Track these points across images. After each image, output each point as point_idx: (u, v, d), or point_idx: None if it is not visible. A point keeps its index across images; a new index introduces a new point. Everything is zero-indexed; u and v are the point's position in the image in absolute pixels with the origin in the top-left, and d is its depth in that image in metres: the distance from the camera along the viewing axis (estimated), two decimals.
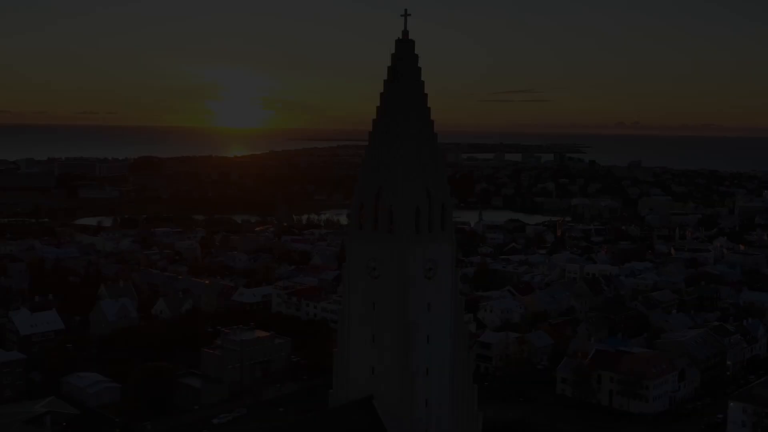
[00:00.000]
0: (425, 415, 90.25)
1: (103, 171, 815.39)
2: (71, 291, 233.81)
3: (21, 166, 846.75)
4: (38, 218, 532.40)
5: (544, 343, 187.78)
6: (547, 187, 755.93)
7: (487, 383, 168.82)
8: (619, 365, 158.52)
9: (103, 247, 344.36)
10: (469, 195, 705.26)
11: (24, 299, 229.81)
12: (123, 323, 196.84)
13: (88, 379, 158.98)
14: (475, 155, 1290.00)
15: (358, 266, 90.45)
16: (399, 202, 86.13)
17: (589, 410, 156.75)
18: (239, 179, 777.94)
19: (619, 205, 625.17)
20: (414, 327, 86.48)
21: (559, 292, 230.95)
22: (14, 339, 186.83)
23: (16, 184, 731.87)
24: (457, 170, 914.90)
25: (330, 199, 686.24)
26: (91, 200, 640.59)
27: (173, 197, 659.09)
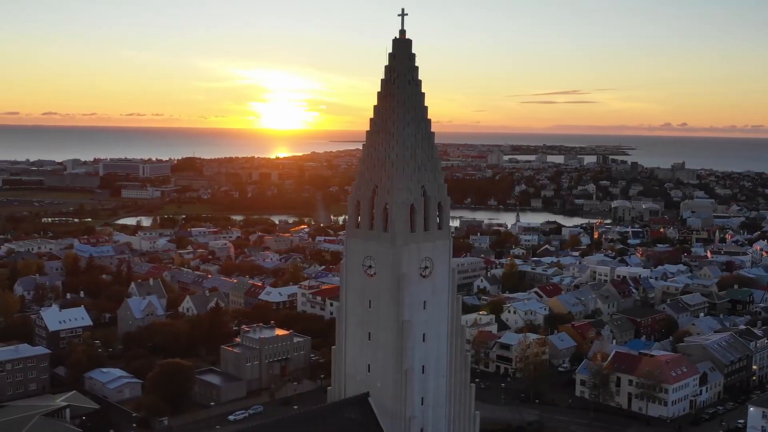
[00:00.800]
0: (421, 413, 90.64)
1: (146, 172, 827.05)
2: (102, 289, 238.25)
3: (67, 167, 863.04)
4: (81, 218, 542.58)
5: (566, 345, 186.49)
6: (587, 190, 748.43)
7: (504, 384, 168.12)
8: (638, 368, 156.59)
9: (139, 247, 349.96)
10: (508, 197, 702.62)
11: (57, 296, 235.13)
12: (149, 320, 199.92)
13: (110, 375, 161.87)
14: (517, 157, 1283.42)
15: (355, 264, 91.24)
16: (394, 200, 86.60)
17: (606, 413, 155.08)
18: (279, 180, 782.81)
19: (661, 207, 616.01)
20: (408, 325, 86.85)
21: (585, 294, 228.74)
22: (43, 335, 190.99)
23: (62, 184, 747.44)
24: (497, 172, 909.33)
25: None
26: (133, 200, 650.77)
27: (213, 198, 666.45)
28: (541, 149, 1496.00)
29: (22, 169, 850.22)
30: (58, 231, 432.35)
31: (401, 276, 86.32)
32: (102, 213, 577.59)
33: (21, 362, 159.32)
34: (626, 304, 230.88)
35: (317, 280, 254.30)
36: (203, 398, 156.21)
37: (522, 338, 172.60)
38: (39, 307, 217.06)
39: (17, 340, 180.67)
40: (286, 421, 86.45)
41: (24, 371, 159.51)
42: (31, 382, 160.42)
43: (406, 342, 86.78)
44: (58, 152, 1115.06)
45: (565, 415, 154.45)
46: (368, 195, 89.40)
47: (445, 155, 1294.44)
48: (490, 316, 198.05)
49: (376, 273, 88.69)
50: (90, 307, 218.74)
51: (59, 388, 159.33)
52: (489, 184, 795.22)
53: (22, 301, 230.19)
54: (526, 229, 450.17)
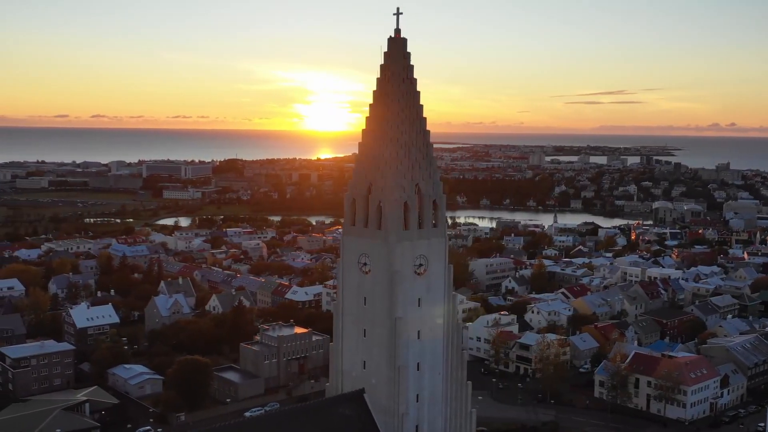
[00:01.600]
0: (416, 410, 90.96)
1: (188, 173, 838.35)
2: (133, 287, 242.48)
3: (112, 169, 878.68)
4: (123, 218, 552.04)
5: (588, 346, 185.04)
6: (629, 191, 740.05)
7: (521, 384, 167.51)
8: (657, 369, 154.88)
9: (174, 246, 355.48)
10: (547, 198, 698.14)
11: (89, 294, 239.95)
12: (175, 318, 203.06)
13: (132, 371, 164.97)
14: (559, 158, 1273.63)
15: (351, 261, 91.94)
16: (387, 198, 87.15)
17: (624, 414, 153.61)
18: (319, 181, 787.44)
19: (703, 208, 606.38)
20: (400, 322, 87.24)
21: (611, 295, 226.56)
22: (72, 331, 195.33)
23: (106, 185, 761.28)
24: (538, 173, 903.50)
25: None
26: (174, 201, 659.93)
27: (253, 198, 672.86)
28: (584, 150, 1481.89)
29: (68, 170, 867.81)
30: (98, 231, 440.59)
31: (394, 273, 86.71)
32: (143, 213, 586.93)
33: (46, 358, 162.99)
34: (654, 306, 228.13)
35: None
36: (222, 395, 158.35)
37: (540, 338, 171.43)
38: (71, 305, 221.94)
39: (47, 337, 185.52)
40: (279, 416, 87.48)
41: (49, 366, 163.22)
42: (56, 377, 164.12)
43: (399, 339, 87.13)
44: (105, 154, 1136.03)
45: (582, 416, 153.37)
46: (363, 193, 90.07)
47: (487, 156, 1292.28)
48: (512, 317, 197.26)
49: (371, 270, 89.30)
50: (120, 305, 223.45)
51: (83, 384, 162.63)
52: (529, 185, 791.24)
53: (55, 299, 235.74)
54: (562, 230, 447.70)
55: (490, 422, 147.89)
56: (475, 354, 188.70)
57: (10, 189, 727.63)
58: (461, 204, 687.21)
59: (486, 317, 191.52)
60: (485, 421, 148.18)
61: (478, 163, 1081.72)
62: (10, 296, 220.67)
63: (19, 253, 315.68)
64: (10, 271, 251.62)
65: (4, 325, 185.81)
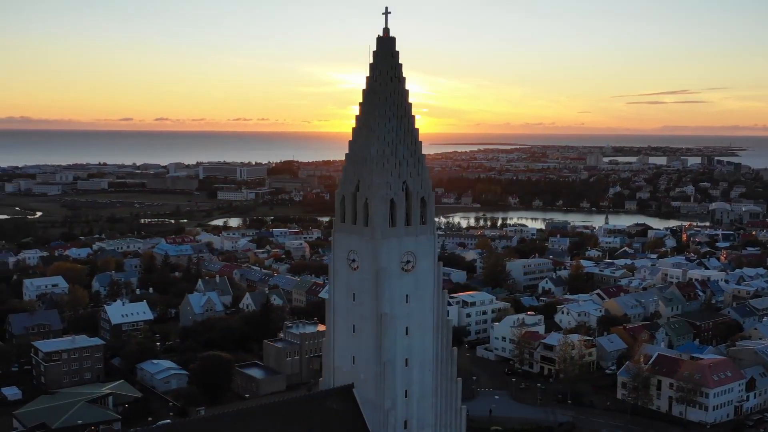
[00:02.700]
0: (405, 405, 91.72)
1: (243, 174, 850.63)
2: (172, 285, 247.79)
3: (170, 170, 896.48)
4: (177, 219, 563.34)
5: (615, 347, 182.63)
6: (686, 192, 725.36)
7: (542, 385, 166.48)
8: (679, 371, 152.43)
9: (221, 246, 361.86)
10: (602, 199, 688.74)
11: (129, 292, 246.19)
12: (208, 315, 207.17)
13: (159, 366, 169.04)
14: (618, 159, 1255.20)
15: (341, 257, 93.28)
16: (373, 195, 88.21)
17: (645, 416, 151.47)
18: None
19: (763, 209, 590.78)
20: (386, 318, 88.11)
21: (645, 296, 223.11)
22: (107, 327, 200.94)
23: (163, 187, 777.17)
24: (593, 174, 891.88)
25: (458, 202, 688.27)
26: (228, 202, 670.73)
27: (305, 200, 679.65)
28: (644, 151, 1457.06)
29: (128, 172, 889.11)
30: (151, 231, 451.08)
31: (379, 269, 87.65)
32: (197, 214, 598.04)
33: (76, 352, 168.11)
34: (692, 307, 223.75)
35: None
36: (244, 390, 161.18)
37: (562, 338, 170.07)
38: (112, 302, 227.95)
39: (85, 333, 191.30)
40: (266, 409, 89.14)
41: (79, 360, 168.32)
42: (86, 371, 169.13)
43: (385, 335, 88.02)
44: (165, 156, 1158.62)
45: (601, 417, 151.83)
46: (351, 190, 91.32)
47: (544, 157, 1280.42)
48: (538, 317, 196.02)
49: (359, 266, 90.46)
50: (158, 302, 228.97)
51: (113, 378, 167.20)
52: (583, 186, 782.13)
53: (97, 296, 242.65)
54: (610, 231, 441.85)
55: (505, 422, 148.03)
56: (500, 354, 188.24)
57: (71, 190, 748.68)
58: (513, 205, 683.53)
59: (512, 317, 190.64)
60: (500, 421, 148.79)
61: (533, 164, 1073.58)
62: (52, 293, 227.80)
63: (70, 252, 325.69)
64: (55, 269, 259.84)
65: (42, 320, 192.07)
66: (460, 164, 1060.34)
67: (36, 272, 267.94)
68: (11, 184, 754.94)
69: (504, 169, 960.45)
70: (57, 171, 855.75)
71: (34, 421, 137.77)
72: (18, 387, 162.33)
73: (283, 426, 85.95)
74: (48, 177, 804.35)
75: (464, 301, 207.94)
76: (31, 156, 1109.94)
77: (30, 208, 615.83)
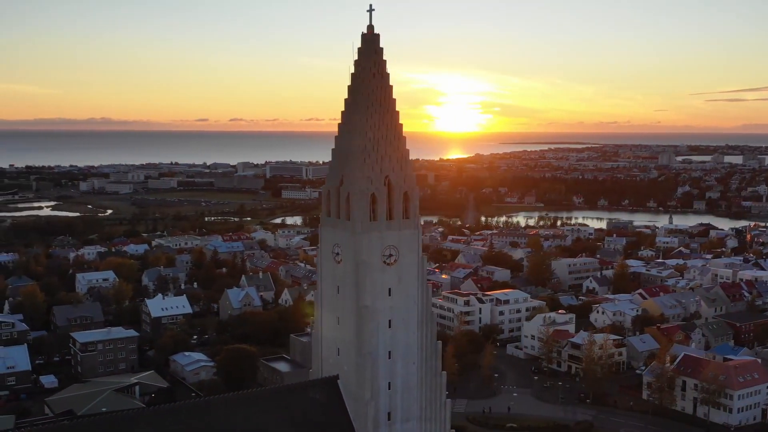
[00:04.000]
0: (388, 397, 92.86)
1: (309, 174, 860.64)
2: (217, 280, 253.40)
3: (238, 169, 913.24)
4: (241, 217, 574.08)
5: (647, 347, 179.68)
6: (758, 191, 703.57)
7: (566, 383, 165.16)
8: (704, 372, 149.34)
9: (274, 243, 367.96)
10: (669, 199, 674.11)
11: (176, 287, 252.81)
12: (245, 310, 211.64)
13: (189, 358, 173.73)
14: (692, 158, 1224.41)
15: (327, 251, 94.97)
16: (354, 189, 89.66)
17: (667, 417, 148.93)
18: (435, 182, 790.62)
19: None
20: (366, 311, 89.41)
21: (686, 296, 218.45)
22: (147, 320, 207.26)
23: (230, 186, 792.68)
24: (663, 173, 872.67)
25: (521, 201, 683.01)
26: (292, 201, 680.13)
27: None
28: (720, 150, 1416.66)
29: (197, 171, 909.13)
30: (213, 229, 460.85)
31: (359, 263, 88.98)
32: (261, 213, 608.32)
33: (111, 343, 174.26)
34: (737, 308, 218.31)
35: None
36: (268, 383, 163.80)
37: (587, 337, 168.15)
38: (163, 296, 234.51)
39: (127, 325, 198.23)
40: (248, 397, 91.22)
41: (114, 351, 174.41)
42: (121, 361, 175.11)
43: (364, 327, 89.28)
44: (236, 156, 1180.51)
45: (622, 417, 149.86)
46: (336, 185, 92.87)
47: (615, 156, 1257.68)
48: (569, 316, 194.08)
49: (342, 260, 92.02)
50: (201, 297, 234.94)
51: (147, 369, 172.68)
52: (651, 185, 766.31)
53: (145, 290, 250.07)
54: (671, 231, 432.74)
55: (522, 419, 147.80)
56: (530, 352, 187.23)
57: (142, 189, 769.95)
58: (577, 204, 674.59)
59: (542, 315, 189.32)
60: (518, 418, 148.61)
61: (603, 164, 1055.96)
62: (100, 287, 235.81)
63: (128, 248, 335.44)
64: (108, 263, 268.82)
65: (85, 312, 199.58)
66: (528, 163, 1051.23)
67: (91, 267, 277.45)
68: (85, 182, 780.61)
69: (571, 169, 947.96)
70: (130, 170, 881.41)
71: (62, 407, 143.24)
72: (56, 376, 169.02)
73: (263, 414, 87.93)
74: (121, 176, 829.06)
75: (497, 299, 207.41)
76: (107, 156, 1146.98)
77: (101, 206, 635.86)
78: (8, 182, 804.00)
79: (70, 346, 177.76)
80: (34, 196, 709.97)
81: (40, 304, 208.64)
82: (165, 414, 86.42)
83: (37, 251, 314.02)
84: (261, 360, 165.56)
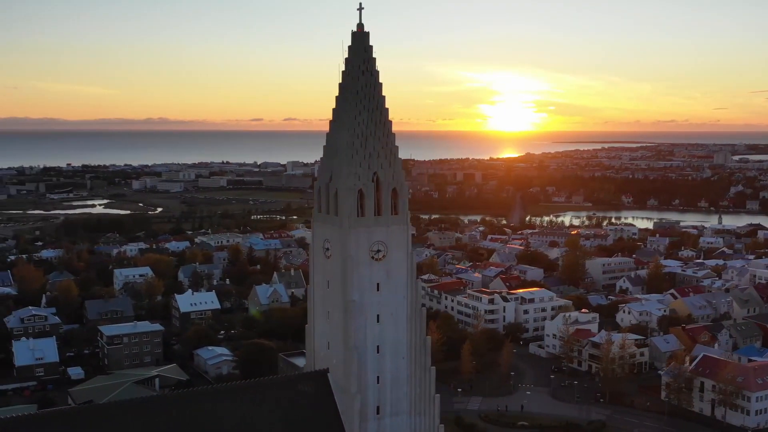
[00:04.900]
0: (377, 391, 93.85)
1: None
2: (250, 276, 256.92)
3: (288, 168, 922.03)
4: (288, 215, 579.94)
5: (671, 348, 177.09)
6: None
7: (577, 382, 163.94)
8: (721, 373, 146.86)
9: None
10: (722, 198, 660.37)
11: (209, 282, 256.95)
12: (272, 306, 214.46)
13: (212, 353, 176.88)
14: (749, 157, 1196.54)
15: (318, 246, 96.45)
16: (341, 185, 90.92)
17: (683, 418, 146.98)
18: (483, 181, 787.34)
19: None
20: (353, 305, 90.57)
21: (718, 297, 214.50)
22: (177, 315, 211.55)
23: (279, 184, 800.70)
24: (717, 173, 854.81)
25: (568, 200, 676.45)
26: None
27: (413, 197, 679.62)
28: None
29: (247, 170, 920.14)
30: (258, 227, 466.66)
31: (347, 258, 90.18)
32: (307, 211, 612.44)
33: (137, 337, 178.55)
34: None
35: (455, 276, 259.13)
36: None
37: (605, 336, 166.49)
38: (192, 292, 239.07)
39: (157, 320, 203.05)
40: (236, 389, 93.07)
41: (139, 345, 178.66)
42: (146, 354, 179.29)
43: (351, 321, 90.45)
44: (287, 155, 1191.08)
45: (637, 417, 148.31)
46: (326, 181, 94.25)
47: (670, 155, 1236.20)
48: (592, 315, 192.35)
49: (332, 255, 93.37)
50: (233, 293, 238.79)
51: (172, 362, 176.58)
52: (703, 185, 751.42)
53: (180, 286, 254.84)
54: (718, 231, 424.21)
55: (535, 417, 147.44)
56: (552, 351, 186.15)
57: (192, 188, 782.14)
58: (626, 204, 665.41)
59: (565, 314, 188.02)
60: (531, 417, 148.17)
61: (656, 163, 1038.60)
62: (134, 282, 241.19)
63: (170, 245, 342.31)
64: (146, 260, 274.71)
65: (115, 307, 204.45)
66: (578, 163, 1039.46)
67: (131, 263, 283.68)
68: (138, 181, 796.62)
69: (622, 168, 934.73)
70: (181, 169, 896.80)
71: (84, 398, 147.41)
72: (82, 367, 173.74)
73: (251, 406, 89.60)
74: (172, 175, 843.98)
75: (522, 298, 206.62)
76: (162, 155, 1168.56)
77: (152, 204, 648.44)
78: (64, 181, 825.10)
79: (98, 339, 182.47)
80: (88, 195, 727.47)
81: (74, 298, 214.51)
82: (154, 404, 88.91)
83: (80, 248, 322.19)
84: (280, 355, 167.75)
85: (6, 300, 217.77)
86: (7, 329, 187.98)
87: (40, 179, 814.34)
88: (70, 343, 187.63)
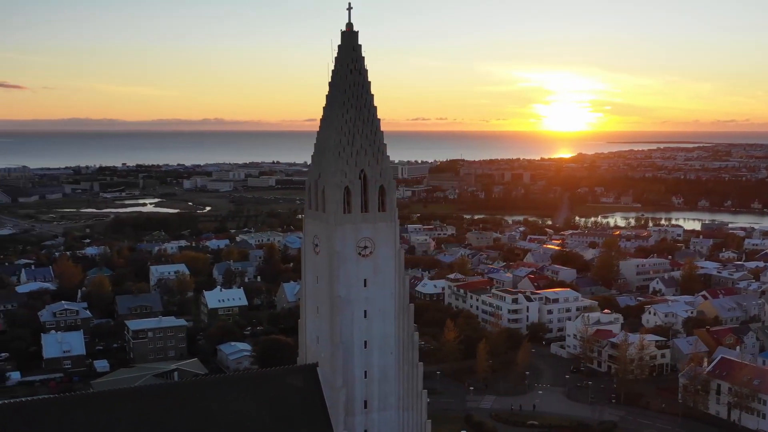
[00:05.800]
0: (365, 386, 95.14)
1: (404, 173, 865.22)
2: (282, 274, 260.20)
3: None
4: None
5: (693, 350, 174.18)
6: None
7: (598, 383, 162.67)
8: (738, 376, 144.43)
9: None
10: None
11: (242, 279, 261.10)
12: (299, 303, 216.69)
13: (234, 348, 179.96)
14: None
15: (309, 242, 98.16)
16: (328, 182, 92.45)
17: (698, 420, 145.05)
18: (531, 181, 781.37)
19: None
20: (339, 300, 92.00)
21: (748, 299, 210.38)
22: (205, 311, 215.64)
23: None
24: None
25: (616, 201, 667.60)
26: None
27: (459, 198, 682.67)
28: None
29: (296, 170, 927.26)
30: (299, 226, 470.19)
31: (333, 254, 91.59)
32: None
33: (161, 331, 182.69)
34: None
35: (486, 276, 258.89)
36: None
37: (623, 337, 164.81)
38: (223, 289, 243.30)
39: (186, 315, 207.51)
40: (225, 381, 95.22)
41: (164, 339, 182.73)
42: (170, 348, 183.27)
43: (336, 316, 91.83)
44: None
45: (650, 419, 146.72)
46: (315, 178, 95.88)
47: (727, 156, 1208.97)
48: (614, 315, 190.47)
49: (320, 251, 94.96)
50: (263, 290, 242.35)
51: (196, 356, 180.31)
52: (758, 186, 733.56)
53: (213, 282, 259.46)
54: (765, 233, 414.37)
55: (547, 417, 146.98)
56: (573, 351, 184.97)
57: (241, 187, 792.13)
58: (676, 205, 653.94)
59: (584, 314, 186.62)
60: (543, 416, 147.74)
61: (711, 164, 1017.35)
62: (167, 278, 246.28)
63: (210, 243, 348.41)
64: (182, 257, 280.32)
65: (145, 302, 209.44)
66: (630, 163, 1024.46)
67: (169, 260, 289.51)
68: (189, 180, 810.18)
69: (676, 168, 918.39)
70: (232, 169, 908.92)
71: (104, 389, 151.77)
72: (109, 361, 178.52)
73: (238, 398, 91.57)
74: (223, 174, 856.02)
75: (546, 298, 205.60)
76: (214, 155, 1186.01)
77: (201, 203, 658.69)
78: (118, 180, 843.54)
79: (125, 333, 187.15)
80: (140, 194, 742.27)
81: (107, 293, 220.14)
82: (143, 394, 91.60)
83: (122, 245, 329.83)
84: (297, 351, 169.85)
85: (44, 294, 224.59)
86: (40, 323, 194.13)
87: (94, 178, 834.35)
88: (100, 337, 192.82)
